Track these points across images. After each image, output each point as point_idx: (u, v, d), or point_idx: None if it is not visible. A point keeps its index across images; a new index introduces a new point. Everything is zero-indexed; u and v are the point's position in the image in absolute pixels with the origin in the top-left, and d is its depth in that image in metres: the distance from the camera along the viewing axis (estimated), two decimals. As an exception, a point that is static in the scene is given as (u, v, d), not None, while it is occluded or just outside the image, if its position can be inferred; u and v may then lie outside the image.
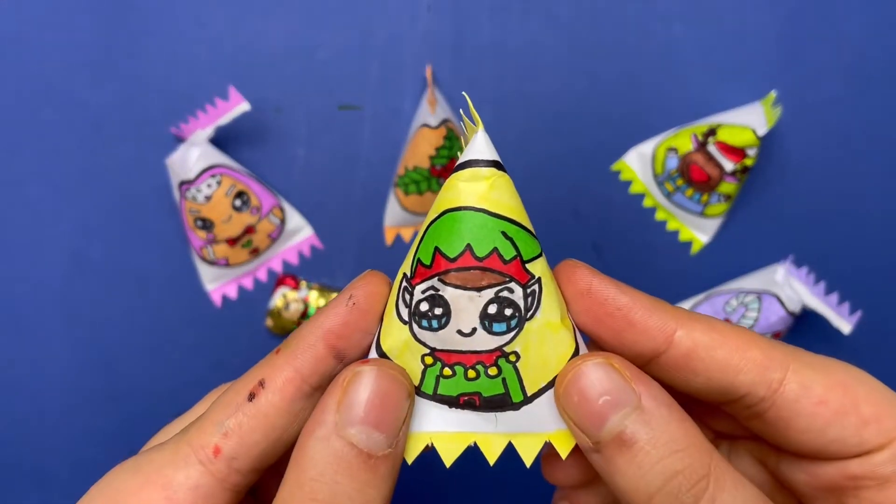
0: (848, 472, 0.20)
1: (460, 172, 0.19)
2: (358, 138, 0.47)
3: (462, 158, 0.20)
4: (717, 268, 0.47)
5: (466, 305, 0.19)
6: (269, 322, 0.47)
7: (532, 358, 0.20)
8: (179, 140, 0.46)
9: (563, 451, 0.21)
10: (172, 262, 0.47)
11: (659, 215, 0.47)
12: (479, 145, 0.19)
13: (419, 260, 0.20)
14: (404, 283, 0.20)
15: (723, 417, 0.24)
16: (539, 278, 0.20)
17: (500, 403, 0.20)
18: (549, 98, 0.47)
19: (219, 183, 0.43)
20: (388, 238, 0.47)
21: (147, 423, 0.48)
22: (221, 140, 0.45)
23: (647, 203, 0.47)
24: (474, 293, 0.19)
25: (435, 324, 0.20)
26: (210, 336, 0.47)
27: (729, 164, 0.43)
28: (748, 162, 0.43)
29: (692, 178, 0.45)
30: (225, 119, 0.43)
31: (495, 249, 0.19)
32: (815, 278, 0.45)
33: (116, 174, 0.46)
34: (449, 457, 0.20)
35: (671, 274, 0.47)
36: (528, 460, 0.21)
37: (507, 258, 0.19)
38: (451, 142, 0.43)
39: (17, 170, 0.46)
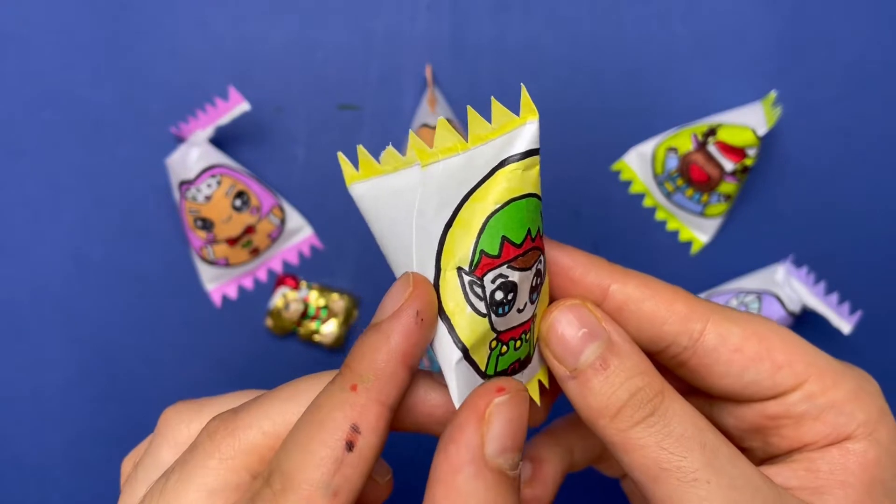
0: (767, 413, 0.23)
1: (521, 162, 0.20)
2: (358, 138, 0.47)
3: (522, 148, 0.20)
4: (717, 268, 0.47)
5: (525, 284, 0.21)
6: (269, 322, 0.47)
7: (539, 315, 0.23)
8: (179, 140, 0.46)
9: (546, 382, 0.24)
10: (172, 262, 0.47)
11: (659, 215, 0.47)
12: (536, 135, 0.21)
13: (483, 251, 0.20)
14: (468, 278, 0.21)
15: (662, 372, 0.26)
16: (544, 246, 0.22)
17: (528, 360, 0.23)
18: (550, 97, 0.47)
19: (219, 183, 0.43)
20: None
21: (147, 422, 0.48)
22: (221, 140, 0.45)
23: (647, 203, 0.47)
24: (529, 272, 0.21)
25: (507, 308, 0.21)
26: (210, 336, 0.47)
27: (729, 164, 0.43)
28: (748, 162, 0.43)
29: (692, 177, 0.45)
30: (225, 119, 0.43)
31: (538, 228, 0.21)
32: (815, 278, 0.45)
33: (116, 174, 0.46)
34: None
35: (671, 274, 0.47)
36: (537, 401, 0.24)
37: (540, 234, 0.22)
38: None
39: (17, 169, 0.46)
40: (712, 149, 0.44)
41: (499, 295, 0.21)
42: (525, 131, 0.20)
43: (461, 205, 0.20)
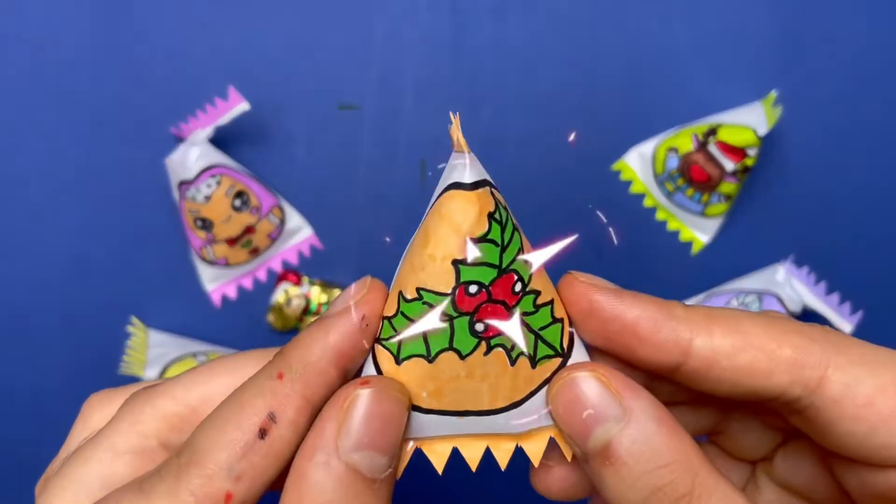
0: None
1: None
2: (357, 138, 0.47)
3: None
4: (718, 268, 0.47)
5: None
6: (270, 317, 0.47)
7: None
8: (179, 140, 0.46)
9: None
10: (172, 263, 0.47)
11: (659, 215, 0.47)
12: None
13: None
14: None
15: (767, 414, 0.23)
16: None
17: None
18: (550, 98, 0.47)
19: (218, 183, 0.43)
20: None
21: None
22: (221, 140, 0.45)
23: (647, 203, 0.47)
24: None
25: None
26: (210, 336, 0.47)
27: (729, 164, 0.43)
28: (749, 162, 0.43)
29: (693, 177, 0.45)
30: (224, 119, 0.43)
31: None
32: (816, 278, 0.45)
33: (116, 174, 0.46)
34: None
35: (672, 274, 0.48)
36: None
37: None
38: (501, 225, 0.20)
39: (17, 169, 0.46)
40: (713, 149, 0.43)
41: None
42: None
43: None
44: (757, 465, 0.24)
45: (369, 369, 0.20)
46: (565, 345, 0.21)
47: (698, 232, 0.47)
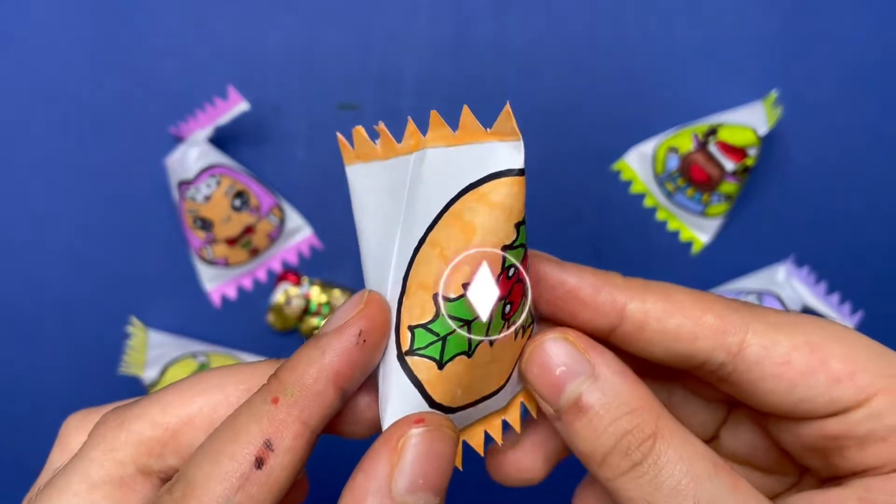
0: (825, 432, 0.20)
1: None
2: (357, 138, 0.47)
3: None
4: (718, 268, 0.47)
5: None
6: (270, 317, 0.47)
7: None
8: (178, 140, 0.46)
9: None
10: (171, 262, 0.47)
11: (660, 215, 0.47)
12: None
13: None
14: None
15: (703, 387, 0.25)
16: None
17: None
18: (550, 97, 0.46)
19: (218, 183, 0.43)
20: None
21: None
22: (220, 140, 0.45)
23: (647, 203, 0.47)
24: None
25: None
26: (210, 336, 0.47)
27: (730, 164, 0.43)
28: (749, 162, 0.43)
29: (693, 177, 0.45)
30: (224, 118, 0.43)
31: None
32: (816, 278, 0.45)
33: (115, 174, 0.46)
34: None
35: (672, 274, 0.47)
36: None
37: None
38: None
39: (16, 169, 0.46)
40: (713, 149, 0.43)
41: None
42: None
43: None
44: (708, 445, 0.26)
45: (400, 380, 0.19)
46: (535, 311, 0.22)
47: (698, 232, 0.47)
